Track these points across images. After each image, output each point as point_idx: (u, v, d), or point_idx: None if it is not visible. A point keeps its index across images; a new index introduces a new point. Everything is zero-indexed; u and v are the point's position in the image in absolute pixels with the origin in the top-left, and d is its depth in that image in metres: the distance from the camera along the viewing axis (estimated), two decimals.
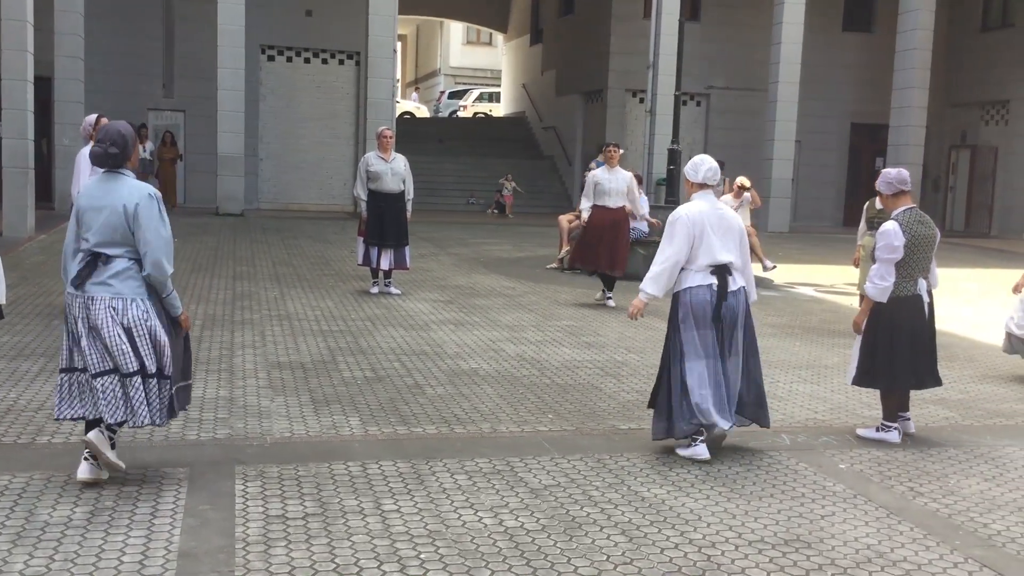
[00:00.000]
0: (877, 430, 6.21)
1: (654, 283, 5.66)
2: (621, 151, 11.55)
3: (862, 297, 9.33)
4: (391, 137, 11.27)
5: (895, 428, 6.16)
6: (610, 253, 11.07)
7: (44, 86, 20.21)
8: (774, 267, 13.83)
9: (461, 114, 40.52)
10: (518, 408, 6.59)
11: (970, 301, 13.10)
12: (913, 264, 6.04)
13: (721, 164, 18.20)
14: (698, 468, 5.43)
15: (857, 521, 4.72)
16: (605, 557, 4.16)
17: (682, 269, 5.65)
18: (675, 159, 18.88)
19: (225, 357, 7.74)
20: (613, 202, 11.08)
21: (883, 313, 6.07)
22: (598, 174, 11.28)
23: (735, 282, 5.66)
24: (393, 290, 11.35)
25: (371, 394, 6.79)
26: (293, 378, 7.16)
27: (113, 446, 4.79)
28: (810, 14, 23.65)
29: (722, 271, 5.61)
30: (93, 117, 9.17)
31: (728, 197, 14.38)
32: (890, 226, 6.02)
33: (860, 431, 6.29)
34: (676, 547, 4.31)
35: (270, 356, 7.85)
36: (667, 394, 5.64)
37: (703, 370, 5.56)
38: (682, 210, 5.71)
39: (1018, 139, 25.48)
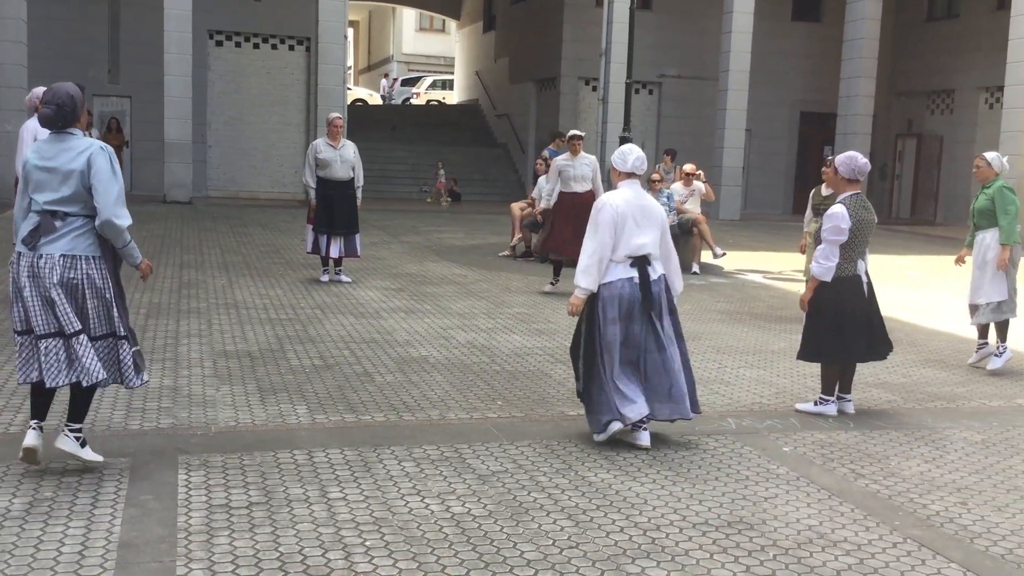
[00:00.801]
0: (815, 404, 6.46)
1: (586, 276, 5.54)
2: (584, 134, 11.59)
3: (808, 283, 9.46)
4: (342, 125, 11.17)
5: (832, 401, 6.43)
6: (580, 238, 11.07)
7: None
8: (723, 254, 13.95)
9: (414, 101, 40.32)
10: (467, 395, 6.58)
11: (914, 287, 13.33)
12: (855, 247, 6.28)
13: (673, 153, 18.27)
14: (645, 453, 5.46)
15: (799, 503, 4.78)
16: (551, 541, 4.18)
17: None
18: None
19: (170, 346, 7.64)
20: (580, 187, 11.10)
21: (826, 292, 6.28)
22: (560, 161, 11.28)
23: (655, 271, 5.63)
24: (343, 278, 11.28)
25: (319, 382, 6.75)
26: (240, 367, 7.09)
27: (83, 444, 4.75)
28: (760, 3, 23.86)
29: (642, 262, 5.58)
30: (41, 90, 8.94)
31: (678, 185, 14.49)
32: (838, 209, 6.22)
33: (799, 405, 6.54)
34: (621, 530, 4.33)
35: (216, 345, 7.77)
36: (598, 389, 5.55)
37: (619, 365, 5.50)
38: (607, 199, 5.66)
39: (963, 128, 25.93)
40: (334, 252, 11.15)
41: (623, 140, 19.39)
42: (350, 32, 42.34)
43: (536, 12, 28.60)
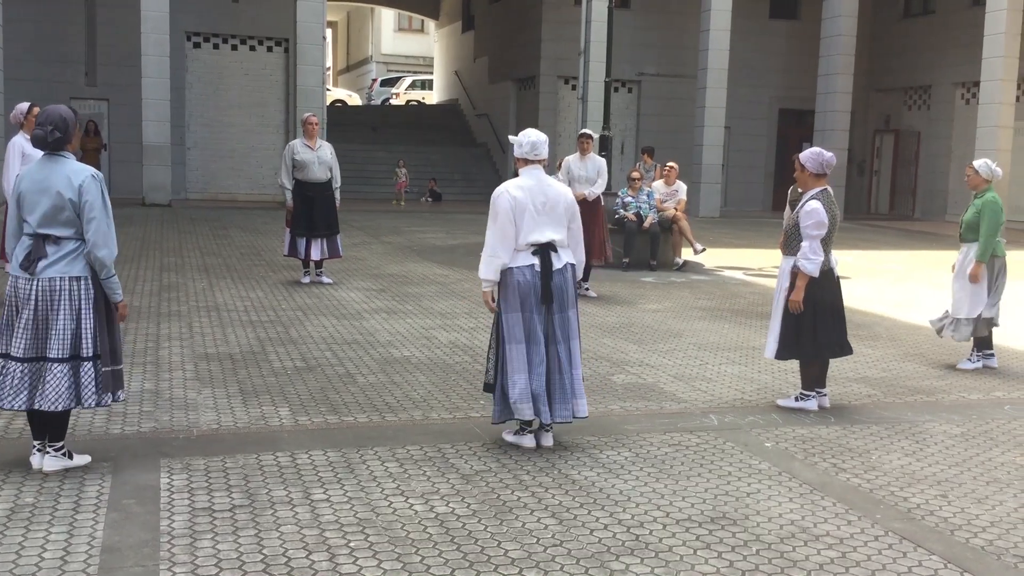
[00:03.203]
0: (796, 399, 6.50)
1: (487, 268, 5.37)
2: (596, 136, 11.40)
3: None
4: (317, 124, 11.06)
5: (812, 397, 6.47)
6: (588, 241, 10.92)
7: None
8: (703, 250, 14.01)
9: (394, 102, 40.24)
10: (450, 395, 6.58)
11: (893, 282, 13.42)
12: (828, 241, 6.31)
13: (650, 151, 18.30)
14: (627, 450, 5.48)
15: (782, 498, 4.81)
16: (535, 539, 4.19)
17: None
18: (606, 145, 18.98)
19: (151, 349, 7.60)
20: (584, 188, 10.85)
21: (807, 288, 6.28)
22: (570, 161, 11.18)
23: (559, 260, 5.42)
24: (325, 279, 11.23)
25: (301, 384, 6.73)
26: (221, 369, 7.06)
27: (69, 456, 4.85)
28: (738, 1, 23.94)
29: (545, 250, 5.38)
30: (25, 105, 8.97)
31: (659, 184, 14.53)
32: (816, 204, 6.22)
33: (780, 401, 6.58)
34: (605, 527, 4.35)
35: (197, 348, 7.73)
36: (496, 378, 5.45)
37: (521, 357, 5.33)
38: (503, 188, 5.45)
39: (940, 123, 26.13)
40: (315, 254, 11.09)
41: (603, 139, 19.42)
42: (328, 33, 42.18)
43: (514, 11, 28.61)
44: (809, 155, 6.34)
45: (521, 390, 5.33)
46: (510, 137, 5.67)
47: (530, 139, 5.49)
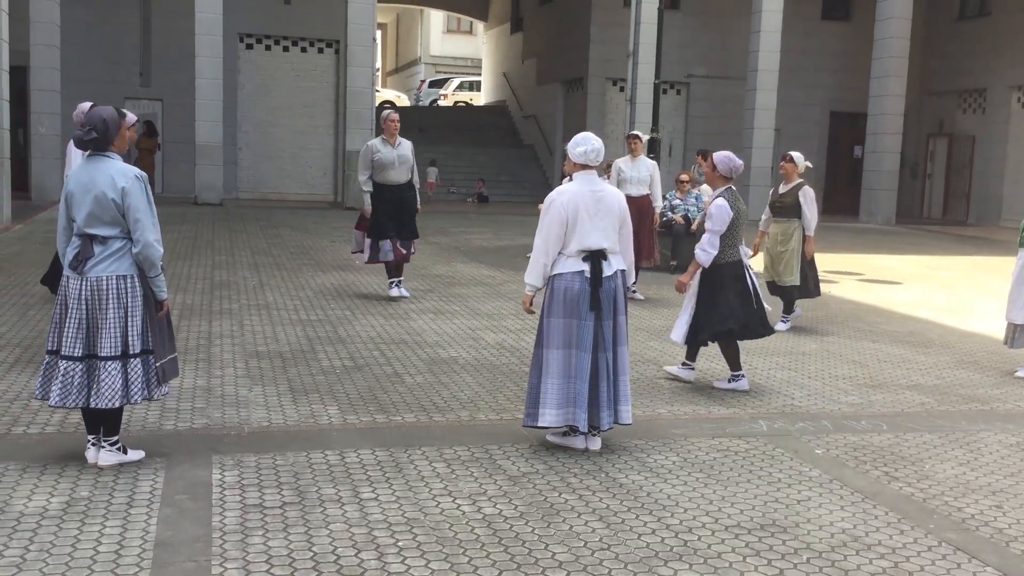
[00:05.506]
0: (729, 381, 7.08)
1: (532, 273, 5.42)
2: (647, 138, 11.37)
3: (793, 288, 9.56)
4: (397, 122, 10.05)
5: (742, 377, 7.05)
6: (636, 243, 10.83)
7: (19, 75, 20.03)
8: (752, 257, 13.84)
9: (442, 103, 40.41)
10: (497, 396, 6.59)
11: (946, 287, 13.20)
12: (735, 235, 6.91)
13: (705, 153, 18.16)
14: (675, 455, 5.45)
15: (833, 506, 4.75)
16: (583, 543, 4.18)
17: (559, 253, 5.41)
18: (655, 148, 18.91)
19: (203, 347, 7.70)
20: (635, 191, 10.82)
21: (724, 276, 6.94)
22: (620, 163, 11.19)
23: (610, 267, 5.40)
24: (404, 292, 10.37)
25: (350, 383, 6.78)
26: (271, 367, 7.14)
27: (124, 450, 4.96)
28: (789, 2, 23.71)
29: (596, 257, 5.35)
30: (87, 105, 9.09)
31: (708, 186, 14.42)
32: (722, 202, 6.83)
33: (716, 383, 7.11)
34: (653, 532, 4.33)
35: (248, 345, 7.82)
36: (534, 380, 5.42)
37: (556, 362, 5.32)
38: (555, 194, 5.45)
39: (995, 127, 25.64)
40: (401, 253, 10.19)
41: (652, 141, 19.35)
42: (378, 34, 42.52)
43: (563, 13, 28.59)
44: (721, 158, 6.90)
45: (554, 396, 5.33)
46: (574, 139, 5.59)
47: (593, 146, 5.49)
